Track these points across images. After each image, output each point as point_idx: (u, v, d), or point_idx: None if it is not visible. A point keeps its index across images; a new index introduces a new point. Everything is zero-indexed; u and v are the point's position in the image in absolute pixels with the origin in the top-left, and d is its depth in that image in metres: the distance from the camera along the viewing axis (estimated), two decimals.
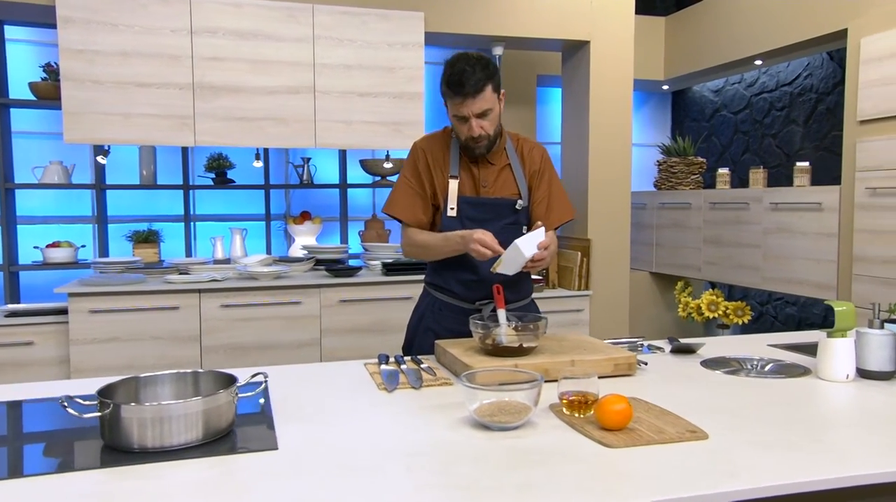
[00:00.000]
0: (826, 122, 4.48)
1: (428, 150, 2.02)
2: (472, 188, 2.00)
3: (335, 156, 4.45)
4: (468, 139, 1.91)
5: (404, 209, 2.01)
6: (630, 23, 4.09)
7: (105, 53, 3.23)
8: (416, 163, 2.02)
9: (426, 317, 2.11)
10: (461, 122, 1.89)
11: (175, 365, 3.28)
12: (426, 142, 2.06)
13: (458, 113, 1.87)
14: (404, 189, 2.03)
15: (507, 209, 2.02)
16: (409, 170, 2.03)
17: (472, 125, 1.87)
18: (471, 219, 1.98)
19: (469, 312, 1.99)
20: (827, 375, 1.60)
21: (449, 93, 1.86)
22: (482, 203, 1.99)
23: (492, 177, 2.02)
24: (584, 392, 1.33)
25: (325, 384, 1.62)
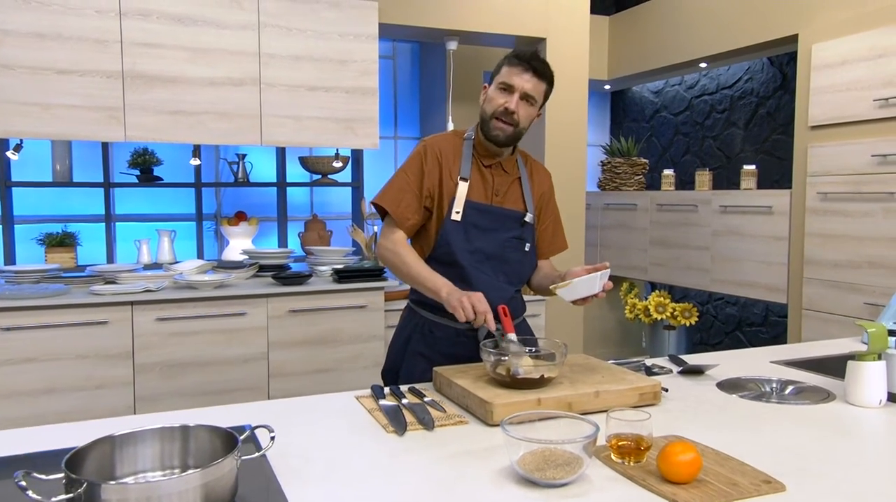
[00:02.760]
0: (766, 126, 4.56)
1: (439, 149, 1.87)
2: (484, 194, 1.87)
3: (272, 152, 4.15)
4: (497, 113, 1.79)
5: (395, 202, 1.84)
6: (585, 20, 4.01)
7: (17, 34, 2.83)
8: (422, 161, 1.86)
9: (413, 339, 1.92)
10: (503, 92, 1.80)
11: (103, 385, 2.93)
12: (437, 140, 1.91)
13: (509, 80, 1.79)
14: (401, 184, 1.86)
15: (514, 222, 1.89)
16: (411, 167, 1.87)
17: (514, 98, 1.78)
18: (476, 226, 1.84)
19: (463, 334, 1.86)
20: (858, 401, 1.52)
21: (514, 61, 1.79)
22: (491, 211, 1.86)
23: (504, 187, 1.90)
24: (639, 435, 1.19)
25: (322, 427, 1.41)
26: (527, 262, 1.94)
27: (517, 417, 1.22)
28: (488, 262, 1.86)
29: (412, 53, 4.89)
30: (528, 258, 1.93)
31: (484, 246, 1.85)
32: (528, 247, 1.92)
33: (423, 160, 1.86)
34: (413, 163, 1.87)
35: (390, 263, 1.84)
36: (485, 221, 1.85)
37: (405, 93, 4.91)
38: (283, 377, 3.25)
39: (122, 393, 2.96)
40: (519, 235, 1.90)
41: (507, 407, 1.38)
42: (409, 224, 1.85)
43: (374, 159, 4.81)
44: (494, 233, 1.86)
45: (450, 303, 1.65)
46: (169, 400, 3.04)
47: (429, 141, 1.91)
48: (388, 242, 1.84)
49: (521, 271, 1.93)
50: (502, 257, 1.88)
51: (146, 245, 3.81)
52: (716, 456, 1.22)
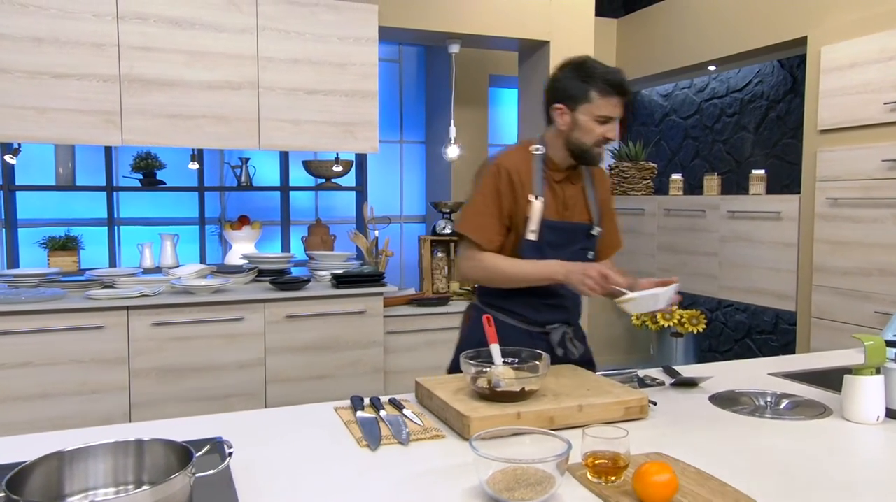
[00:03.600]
0: (776, 130, 4.48)
1: (514, 170, 1.86)
2: (555, 210, 1.89)
3: (276, 156, 4.13)
4: (598, 142, 1.82)
5: (481, 230, 1.85)
6: (590, 23, 3.95)
7: (14, 38, 2.83)
8: (498, 183, 1.86)
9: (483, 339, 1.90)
10: (603, 123, 1.80)
11: (99, 390, 2.92)
12: (511, 160, 1.88)
13: (611, 113, 1.79)
14: (480, 208, 1.86)
15: (582, 234, 1.94)
16: (489, 190, 1.86)
17: (616, 129, 1.83)
18: (550, 243, 1.87)
19: (535, 335, 1.92)
20: (855, 417, 1.46)
21: (609, 91, 1.77)
22: (562, 227, 1.89)
23: (572, 200, 1.93)
24: (615, 453, 1.14)
25: (294, 439, 1.37)
26: None
27: (489, 433, 1.18)
28: None
29: (418, 56, 4.86)
30: None
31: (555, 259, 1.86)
32: (592, 255, 1.97)
33: (498, 181, 1.85)
34: (489, 186, 1.86)
35: (483, 277, 1.88)
36: (557, 237, 1.88)
37: (411, 96, 4.88)
38: (281, 383, 3.22)
39: (117, 399, 2.95)
40: (584, 247, 1.95)
41: (484, 422, 1.34)
42: (493, 247, 1.87)
43: (380, 163, 4.79)
44: (565, 248, 1.89)
45: (572, 283, 1.73)
46: (165, 405, 3.02)
47: (501, 160, 1.89)
48: (473, 261, 1.86)
49: None
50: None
51: (149, 249, 3.81)
52: (697, 476, 1.16)
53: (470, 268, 1.87)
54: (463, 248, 1.90)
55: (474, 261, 1.86)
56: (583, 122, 1.80)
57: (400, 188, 4.91)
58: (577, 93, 1.79)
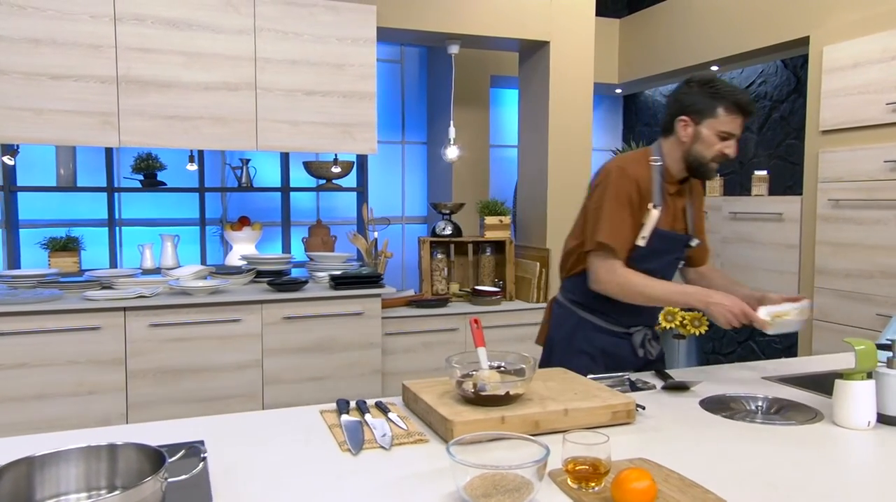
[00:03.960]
0: (780, 131, 4.44)
1: (641, 178, 1.90)
2: (667, 221, 1.94)
3: (276, 157, 4.13)
4: (719, 157, 1.86)
5: (618, 238, 1.87)
6: (590, 23, 3.93)
7: (11, 40, 2.84)
8: (630, 191, 1.88)
9: (577, 337, 2.03)
10: (724, 139, 1.85)
11: (95, 391, 2.92)
12: (636, 169, 1.91)
13: (733, 130, 1.85)
14: (616, 217, 1.87)
15: (681, 245, 1.99)
16: (623, 198, 1.87)
17: (735, 146, 1.86)
18: (654, 250, 1.92)
19: (620, 335, 2.01)
20: (845, 422, 1.44)
21: (735, 110, 1.83)
22: (669, 237, 1.95)
23: (679, 212, 1.98)
24: (595, 459, 1.12)
25: (276, 443, 1.36)
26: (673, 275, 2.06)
27: (469, 438, 1.16)
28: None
29: (420, 57, 4.85)
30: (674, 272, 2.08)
31: (653, 267, 1.93)
32: (682, 264, 2.08)
33: (629, 189, 1.87)
34: (621, 194, 1.87)
35: (616, 292, 1.88)
36: (662, 245, 1.93)
37: (413, 97, 4.87)
38: (279, 384, 3.22)
39: (114, 400, 2.95)
40: (680, 256, 2.02)
41: (467, 426, 1.32)
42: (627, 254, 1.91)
43: (382, 164, 4.78)
44: (665, 255, 1.97)
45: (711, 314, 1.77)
46: (162, 406, 3.02)
47: (627, 168, 1.90)
48: (613, 275, 1.86)
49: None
50: (663, 274, 1.95)
51: (149, 249, 3.82)
52: (680, 483, 1.14)
53: (609, 283, 1.87)
54: (598, 258, 1.88)
55: (613, 274, 1.86)
56: (705, 135, 1.85)
57: (402, 189, 4.90)
58: (704, 107, 1.84)
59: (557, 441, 1.17)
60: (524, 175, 4.21)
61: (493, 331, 3.77)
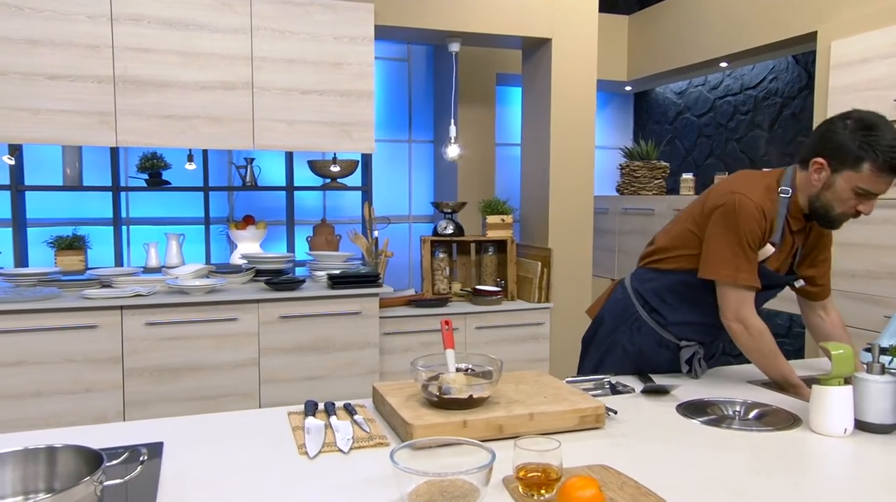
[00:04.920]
0: (791, 128, 4.35)
1: (769, 215, 1.71)
2: (778, 259, 1.77)
3: (281, 156, 4.14)
4: (847, 215, 1.67)
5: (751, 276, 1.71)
6: (594, 20, 3.88)
7: (9, 40, 2.87)
8: (760, 228, 1.70)
9: (621, 330, 1.95)
10: (863, 198, 1.62)
11: (92, 389, 2.94)
12: (766, 202, 1.70)
13: (873, 188, 1.60)
14: (750, 256, 1.70)
15: (782, 283, 1.83)
16: (753, 236, 1.70)
17: (872, 206, 1.65)
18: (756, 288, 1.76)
19: (669, 344, 1.91)
20: (822, 429, 1.39)
21: (886, 169, 1.57)
22: (772, 276, 1.77)
23: (794, 248, 1.80)
24: (547, 465, 1.09)
25: (235, 446, 1.35)
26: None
27: (421, 442, 1.14)
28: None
29: (427, 55, 4.83)
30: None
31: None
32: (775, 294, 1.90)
33: (755, 227, 1.69)
34: (755, 236, 1.70)
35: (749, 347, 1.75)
36: (765, 282, 1.76)
37: (420, 95, 4.85)
38: (275, 383, 3.22)
39: (111, 398, 2.98)
40: (779, 292, 1.88)
41: (427, 429, 1.30)
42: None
43: (389, 163, 4.77)
44: (764, 293, 1.80)
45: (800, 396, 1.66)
46: (158, 404, 3.04)
47: (760, 202, 1.70)
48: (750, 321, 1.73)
49: None
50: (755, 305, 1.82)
51: (154, 248, 3.84)
52: (635, 491, 1.11)
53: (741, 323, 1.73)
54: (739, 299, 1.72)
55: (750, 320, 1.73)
56: (840, 188, 1.62)
57: (408, 188, 4.88)
58: (849, 156, 1.59)
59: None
60: (527, 174, 4.17)
61: (493, 331, 3.75)
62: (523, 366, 3.72)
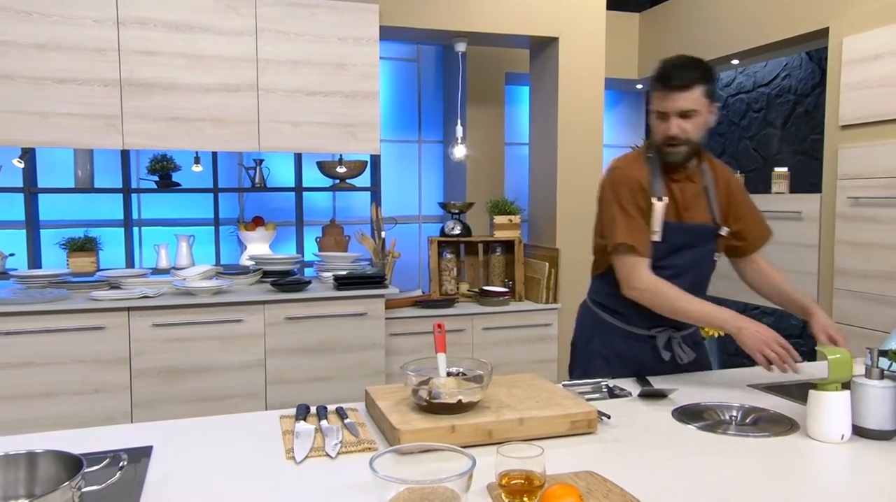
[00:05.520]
0: (804, 126, 4.29)
1: (637, 173, 1.85)
2: (675, 212, 1.87)
3: (290, 157, 4.15)
4: (664, 140, 1.79)
5: (638, 240, 1.81)
6: (601, 18, 3.85)
7: (18, 45, 2.90)
8: (632, 188, 1.83)
9: (595, 340, 2.02)
10: (660, 120, 1.79)
11: (101, 390, 2.97)
12: (632, 167, 1.87)
13: (660, 108, 1.78)
14: (627, 217, 1.82)
15: (708, 236, 1.90)
16: (626, 196, 1.83)
17: (672, 124, 1.75)
18: (674, 246, 1.86)
19: (640, 338, 1.95)
20: (819, 435, 1.36)
21: (656, 85, 1.78)
22: (686, 229, 1.87)
23: (693, 201, 1.88)
24: (530, 472, 1.08)
25: (223, 450, 1.35)
26: (711, 272, 1.99)
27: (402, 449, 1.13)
28: (683, 277, 1.87)
29: (436, 55, 4.82)
30: (713, 267, 1.98)
31: (679, 261, 1.87)
32: (717, 256, 1.96)
33: (631, 187, 1.83)
34: (625, 193, 1.83)
35: (648, 300, 1.82)
36: (681, 239, 1.86)
37: (430, 95, 4.84)
38: (282, 384, 3.23)
39: (119, 398, 3.00)
40: (711, 248, 1.92)
41: (415, 435, 1.29)
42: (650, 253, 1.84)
43: (398, 163, 4.76)
44: (691, 249, 1.87)
45: (742, 342, 1.66)
46: (166, 406, 3.06)
47: (626, 169, 1.87)
48: (642, 283, 1.80)
49: (707, 280, 2.00)
50: (697, 270, 1.91)
51: (164, 249, 3.87)
52: (621, 499, 1.09)
53: (638, 290, 1.81)
54: (627, 267, 1.82)
55: (643, 282, 1.80)
56: (651, 120, 1.82)
57: (418, 188, 4.87)
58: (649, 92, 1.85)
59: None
60: (534, 173, 4.15)
61: (500, 332, 3.73)
62: (531, 368, 3.70)
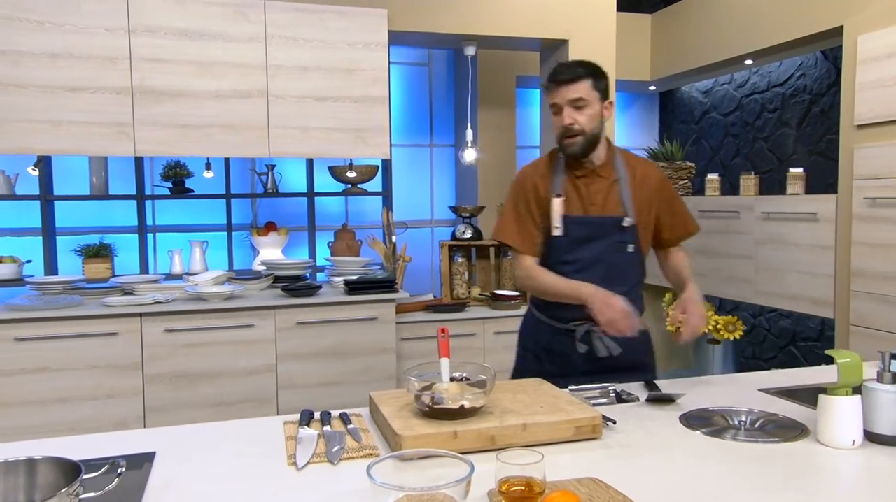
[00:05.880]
0: (820, 126, 4.23)
1: (536, 174, 2.01)
2: (580, 206, 1.96)
3: (303, 163, 4.17)
4: (561, 132, 1.90)
5: (515, 235, 2.01)
6: (611, 20, 3.82)
7: (31, 54, 2.94)
8: (524, 188, 2.01)
9: (527, 336, 2.12)
10: (555, 114, 1.91)
11: (113, 395, 2.99)
12: (533, 166, 2.07)
13: (552, 100, 1.90)
14: (513, 215, 2.02)
15: (612, 227, 1.95)
16: (517, 196, 2.03)
17: (565, 115, 1.87)
18: (576, 238, 1.95)
19: (561, 331, 1.99)
20: (829, 441, 1.33)
21: (548, 83, 1.90)
22: (587, 222, 1.96)
23: (601, 195, 1.96)
24: (530, 478, 1.06)
25: (226, 456, 1.35)
26: (633, 262, 1.99)
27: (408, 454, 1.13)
28: (591, 270, 1.93)
29: (447, 59, 4.82)
30: (632, 258, 1.98)
31: (585, 254, 1.94)
32: (632, 247, 1.96)
33: (523, 187, 2.01)
34: (516, 192, 2.02)
35: (530, 286, 2.02)
36: (585, 231, 1.95)
37: (441, 99, 4.84)
38: (293, 389, 3.24)
39: (132, 404, 3.02)
40: (620, 239, 1.95)
41: (417, 441, 1.28)
42: (534, 250, 2.00)
43: (410, 167, 4.76)
44: (596, 242, 1.95)
45: (593, 307, 1.77)
46: (178, 410, 3.08)
47: (526, 167, 2.07)
48: (521, 271, 2.00)
49: (628, 272, 1.98)
50: (606, 262, 1.95)
51: (178, 255, 3.90)
52: None
53: (519, 279, 2.03)
54: (515, 260, 2.05)
55: (523, 270, 1.99)
56: (550, 119, 1.95)
57: (430, 192, 4.87)
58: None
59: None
60: None
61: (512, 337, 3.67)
62: None
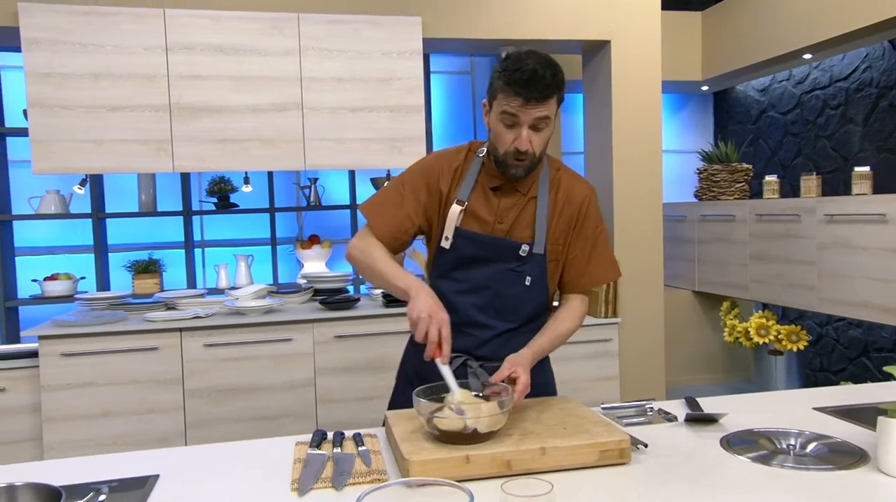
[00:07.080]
0: (889, 121, 3.96)
1: (448, 166, 1.65)
2: (482, 220, 1.62)
3: (345, 175, 4.16)
4: (510, 153, 1.53)
5: (380, 215, 1.63)
6: (656, 19, 3.67)
7: (74, 76, 3.00)
8: (427, 173, 1.65)
9: (406, 359, 1.81)
10: (509, 129, 1.52)
11: (155, 410, 3.01)
12: (443, 155, 1.69)
13: (509, 109, 1.49)
14: (393, 198, 1.64)
15: (510, 253, 1.62)
16: (413, 178, 1.66)
17: (524, 138, 1.50)
18: (466, 257, 1.62)
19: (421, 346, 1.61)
20: (890, 469, 1.18)
21: (509, 90, 1.47)
22: (484, 241, 1.62)
23: (513, 212, 1.62)
24: None
25: (229, 480, 1.29)
26: (528, 297, 1.65)
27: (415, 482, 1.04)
28: (476, 294, 1.63)
29: (490, 67, 4.75)
30: (530, 293, 1.64)
31: (474, 276, 1.63)
32: (530, 280, 1.62)
33: (426, 172, 1.65)
34: (415, 178, 1.65)
35: (358, 259, 1.63)
36: (476, 250, 1.62)
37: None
38: (332, 404, 3.19)
39: (173, 418, 3.03)
40: (516, 268, 1.62)
41: (425, 466, 1.20)
42: (387, 239, 1.62)
43: None
44: (487, 264, 1.62)
45: (409, 314, 1.44)
46: (218, 425, 3.08)
47: (436, 154, 1.70)
48: (359, 239, 1.64)
49: (519, 306, 1.65)
50: (494, 290, 1.63)
51: (224, 269, 3.94)
52: None
53: (352, 247, 1.64)
54: (362, 229, 1.68)
55: (362, 241, 1.63)
56: (494, 123, 1.55)
57: None
58: (491, 86, 1.55)
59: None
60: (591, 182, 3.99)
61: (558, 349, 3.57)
62: (591, 385, 3.53)
